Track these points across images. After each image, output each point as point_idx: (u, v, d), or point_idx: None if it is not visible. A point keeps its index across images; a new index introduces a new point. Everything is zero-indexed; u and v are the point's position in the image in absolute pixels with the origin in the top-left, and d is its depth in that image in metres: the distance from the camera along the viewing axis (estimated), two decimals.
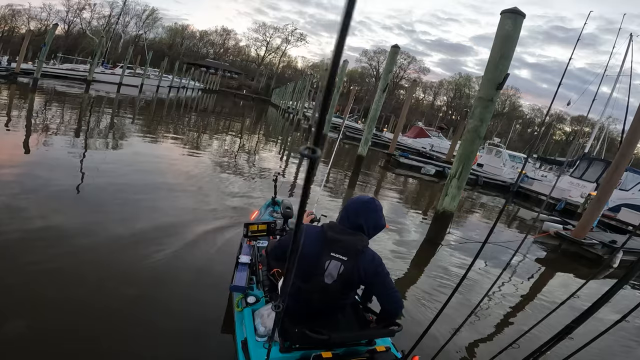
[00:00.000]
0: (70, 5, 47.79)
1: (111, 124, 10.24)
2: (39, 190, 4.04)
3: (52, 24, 14.23)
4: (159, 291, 2.68)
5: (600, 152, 21.15)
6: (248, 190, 6.08)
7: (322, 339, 1.56)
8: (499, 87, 4.09)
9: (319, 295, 1.70)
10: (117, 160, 6.32)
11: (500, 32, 4.11)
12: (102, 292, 2.52)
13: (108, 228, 3.47)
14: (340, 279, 1.66)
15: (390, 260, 4.19)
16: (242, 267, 2.19)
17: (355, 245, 1.66)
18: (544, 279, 5.26)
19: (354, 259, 1.66)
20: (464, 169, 4.47)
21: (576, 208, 11.97)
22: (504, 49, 4.06)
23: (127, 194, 4.53)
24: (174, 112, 18.37)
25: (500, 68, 4.10)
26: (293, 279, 1.61)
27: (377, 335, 1.79)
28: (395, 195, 9.24)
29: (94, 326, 2.20)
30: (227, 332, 2.26)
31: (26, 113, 9.28)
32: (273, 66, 65.47)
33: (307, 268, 1.67)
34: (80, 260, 2.84)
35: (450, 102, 65.79)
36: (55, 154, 5.80)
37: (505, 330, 3.36)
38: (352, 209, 1.75)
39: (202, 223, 4.00)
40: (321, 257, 1.67)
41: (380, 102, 9.02)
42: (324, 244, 1.68)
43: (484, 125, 4.32)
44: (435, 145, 25.60)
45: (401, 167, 14.08)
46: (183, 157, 7.82)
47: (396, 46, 8.71)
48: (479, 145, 4.49)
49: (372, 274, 1.70)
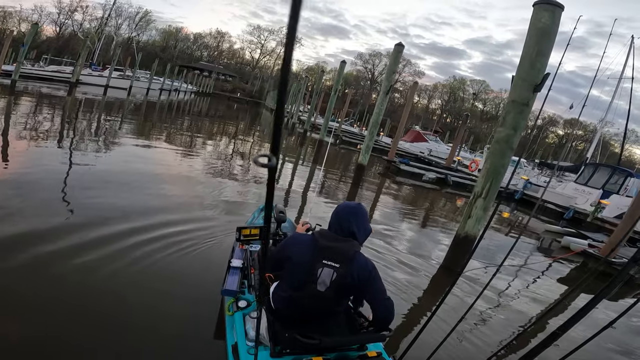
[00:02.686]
0: (62, 7, 47.02)
1: (86, 129, 9.45)
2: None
3: (32, 24, 13.35)
4: (149, 295, 2.60)
5: (595, 156, 20.80)
6: (241, 195, 5.99)
7: (313, 343, 1.54)
8: (536, 88, 3.43)
9: (312, 303, 1.69)
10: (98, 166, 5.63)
11: (535, 25, 3.48)
12: (89, 296, 2.45)
13: (94, 229, 3.36)
14: (333, 285, 1.65)
15: (392, 293, 3.57)
16: (234, 271, 2.17)
17: (348, 252, 1.66)
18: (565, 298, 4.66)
19: (347, 266, 1.65)
20: (492, 186, 3.79)
21: (585, 217, 11.44)
22: (541, 45, 3.43)
23: (113, 193, 4.41)
24: (164, 116, 17.60)
25: (537, 67, 3.45)
26: (285, 286, 1.74)
27: (368, 341, 1.76)
28: (402, 207, 8.60)
29: (80, 331, 2.14)
30: (219, 337, 2.20)
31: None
32: (268, 69, 64.89)
33: (299, 275, 1.68)
34: (64, 265, 2.74)
35: (445, 106, 65.68)
36: None
37: (498, 337, 3.23)
38: (343, 214, 1.74)
39: (193, 227, 3.91)
40: (313, 264, 1.66)
41: (383, 106, 8.38)
42: (316, 251, 1.67)
43: (517, 133, 3.66)
44: (434, 149, 25.06)
45: (401, 175, 13.45)
46: (174, 161, 7.55)
47: (400, 45, 8.09)
48: (510, 158, 3.85)
49: (365, 279, 1.68)
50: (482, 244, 6.52)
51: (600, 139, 21.84)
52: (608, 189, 12.93)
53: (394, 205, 8.52)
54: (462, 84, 65.54)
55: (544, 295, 4.61)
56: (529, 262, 5.64)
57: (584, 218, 11.42)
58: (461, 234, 4.04)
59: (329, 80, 54.28)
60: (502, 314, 3.71)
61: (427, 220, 7.92)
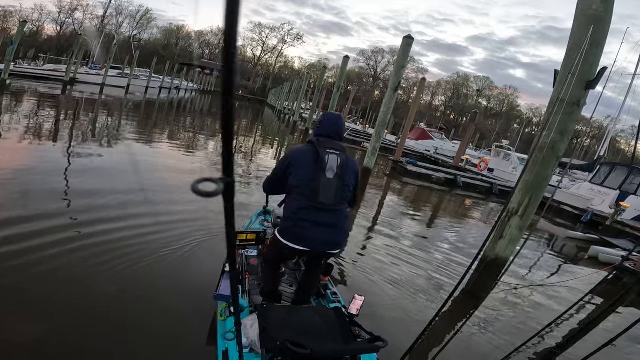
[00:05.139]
0: (62, 6, 46.54)
1: (73, 131, 8.92)
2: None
3: (21, 22, 12.83)
4: (142, 299, 2.53)
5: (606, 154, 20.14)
6: (240, 197, 5.73)
7: (304, 353, 1.50)
8: (589, 85, 2.85)
9: (324, 192, 1.92)
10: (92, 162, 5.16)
11: (585, 13, 2.86)
12: (83, 300, 2.38)
13: (88, 232, 3.30)
14: (340, 170, 1.97)
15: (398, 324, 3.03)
16: (228, 275, 2.12)
17: (342, 146, 2.07)
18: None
19: (345, 154, 2.04)
20: (532, 201, 3.20)
21: (604, 220, 10.85)
22: (594, 34, 2.84)
23: (109, 194, 4.37)
24: (160, 115, 17.09)
25: (590, 60, 2.83)
26: (295, 191, 2.01)
27: (362, 351, 1.73)
28: (414, 214, 8.05)
29: (71, 335, 2.08)
30: (212, 343, 2.11)
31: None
32: (269, 67, 64.22)
33: (309, 168, 1.94)
34: (53, 268, 2.65)
35: (448, 102, 64.84)
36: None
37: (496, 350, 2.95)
38: (330, 122, 2.11)
39: (188, 229, 3.78)
40: (320, 155, 1.96)
41: (391, 103, 7.79)
42: (319, 146, 1.99)
43: (565, 139, 3.05)
44: (439, 147, 24.42)
45: (409, 176, 12.86)
46: (171, 161, 7.31)
47: (409, 37, 7.51)
48: (555, 168, 3.26)
49: (357, 173, 2.11)
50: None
51: (612, 137, 21.20)
52: (625, 190, 12.30)
53: (405, 212, 7.97)
54: (465, 80, 64.68)
55: (578, 317, 4.06)
56: (557, 278, 5.09)
57: (603, 221, 10.82)
58: (490, 256, 3.45)
59: (331, 77, 53.56)
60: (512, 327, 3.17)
61: (444, 230, 7.37)
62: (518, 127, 58.80)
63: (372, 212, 7.08)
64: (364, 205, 7.47)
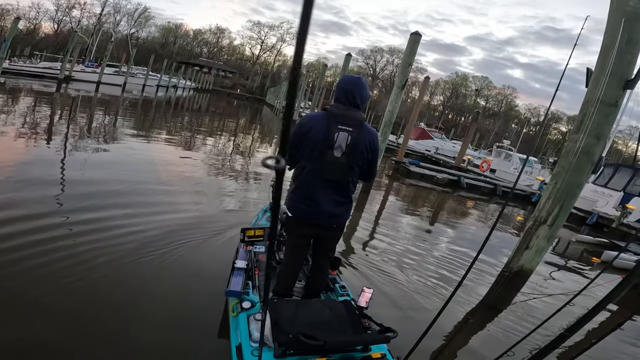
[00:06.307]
0: (60, 4, 46.01)
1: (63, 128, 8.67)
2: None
3: (14, 18, 12.49)
4: (153, 296, 2.55)
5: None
6: (245, 195, 5.86)
7: (317, 344, 1.53)
8: (628, 85, 2.64)
9: (329, 169, 1.90)
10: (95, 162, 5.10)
11: (622, 9, 2.60)
12: (92, 297, 2.39)
13: (96, 229, 3.30)
14: (349, 149, 1.90)
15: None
16: (238, 272, 2.18)
17: (358, 118, 1.92)
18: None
19: (358, 130, 1.91)
20: (562, 210, 2.95)
21: (609, 222, 10.71)
22: (631, 31, 2.61)
23: (115, 193, 4.38)
24: (156, 113, 16.81)
25: (628, 58, 2.62)
26: (303, 162, 1.97)
27: (372, 342, 1.74)
28: (422, 217, 7.84)
29: (82, 332, 2.08)
30: (223, 337, 2.15)
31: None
32: (268, 65, 63.85)
33: (318, 144, 1.88)
34: (64, 266, 2.65)
35: (447, 102, 64.76)
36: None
37: (502, 339, 3.02)
38: (348, 87, 1.93)
39: (197, 227, 3.84)
40: (329, 130, 1.88)
41: (397, 102, 7.56)
42: (331, 119, 1.89)
43: (600, 142, 2.82)
44: (440, 147, 24.25)
45: (411, 177, 12.64)
46: (174, 158, 7.35)
47: (417, 33, 7.27)
48: (589, 173, 3.03)
49: (372, 144, 1.98)
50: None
51: (612, 138, 21.08)
52: (629, 192, 12.17)
53: (411, 216, 7.77)
54: (464, 80, 64.61)
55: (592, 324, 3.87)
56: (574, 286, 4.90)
57: (608, 223, 10.68)
58: (514, 267, 3.22)
59: (330, 76, 53.31)
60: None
61: (449, 231, 7.17)
62: (516, 127, 58.87)
63: (373, 214, 6.88)
64: (368, 204, 7.26)
